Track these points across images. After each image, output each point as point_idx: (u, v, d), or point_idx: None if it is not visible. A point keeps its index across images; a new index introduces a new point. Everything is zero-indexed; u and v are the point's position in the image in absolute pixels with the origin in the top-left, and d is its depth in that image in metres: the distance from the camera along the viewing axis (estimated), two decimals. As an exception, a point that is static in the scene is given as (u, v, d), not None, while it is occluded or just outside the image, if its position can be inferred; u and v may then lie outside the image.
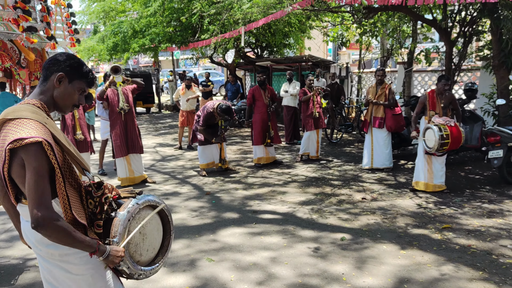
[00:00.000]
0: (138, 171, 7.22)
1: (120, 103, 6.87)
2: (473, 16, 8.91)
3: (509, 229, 4.97)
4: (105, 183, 2.12)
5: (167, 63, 36.26)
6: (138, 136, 7.17)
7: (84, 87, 2.08)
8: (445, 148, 6.03)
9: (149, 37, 13.01)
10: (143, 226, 2.18)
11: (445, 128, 6.03)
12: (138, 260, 2.18)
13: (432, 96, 6.45)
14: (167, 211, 2.36)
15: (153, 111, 20.22)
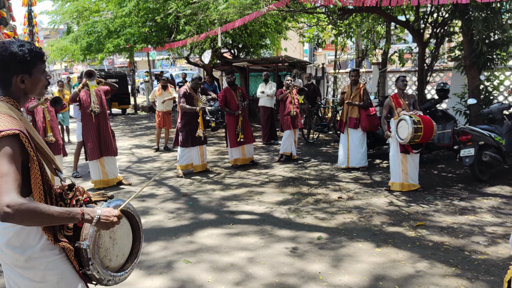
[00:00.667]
0: (113, 173, 7.13)
1: (92, 105, 6.77)
2: (444, 17, 9.11)
3: (481, 226, 5.10)
4: (76, 185, 2.09)
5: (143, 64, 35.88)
6: (112, 138, 7.07)
7: (43, 66, 2.03)
8: (419, 134, 6.14)
9: (124, 37, 12.82)
10: (113, 231, 2.15)
11: (416, 116, 6.20)
12: (108, 265, 2.13)
13: (396, 97, 6.69)
14: (137, 217, 2.32)
15: (129, 112, 19.97)
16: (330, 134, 12.25)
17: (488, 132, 6.91)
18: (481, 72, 8.10)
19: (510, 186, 6.73)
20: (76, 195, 2.05)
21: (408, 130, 6.13)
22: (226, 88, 8.40)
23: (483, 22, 7.35)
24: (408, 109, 6.56)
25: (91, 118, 6.80)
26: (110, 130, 7.06)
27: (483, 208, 5.73)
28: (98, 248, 2.05)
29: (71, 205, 2.03)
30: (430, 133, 6.26)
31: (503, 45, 7.79)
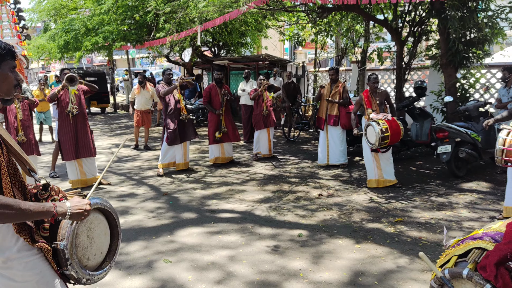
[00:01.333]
0: (91, 173, 7.03)
1: (69, 106, 6.66)
2: (421, 16, 9.25)
3: (458, 221, 5.20)
4: (51, 185, 2.05)
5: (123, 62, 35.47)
6: (91, 138, 6.98)
7: (12, 63, 1.96)
8: (386, 141, 6.25)
9: (103, 35, 12.67)
10: (91, 229, 2.13)
11: (384, 123, 6.29)
12: (86, 264, 2.12)
13: (367, 96, 6.77)
14: (114, 215, 2.31)
15: (108, 111, 19.72)
16: (311, 132, 12.32)
17: (464, 129, 7.04)
18: (458, 70, 8.26)
19: (486, 182, 6.88)
20: (51, 195, 2.02)
21: (375, 137, 6.22)
22: (212, 85, 8.37)
23: (459, 21, 7.49)
24: (379, 109, 6.65)
25: (68, 118, 6.69)
26: (88, 130, 6.96)
27: (460, 204, 5.84)
28: (76, 247, 2.03)
29: None
30: (397, 138, 6.40)
31: (479, 44, 7.95)
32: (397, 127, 6.36)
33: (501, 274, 1.80)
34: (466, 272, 1.94)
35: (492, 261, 1.84)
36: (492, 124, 5.23)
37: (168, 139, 7.67)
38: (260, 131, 8.86)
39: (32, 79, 41.66)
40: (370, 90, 6.81)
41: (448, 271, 2.03)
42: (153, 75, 22.30)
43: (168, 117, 7.69)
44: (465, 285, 1.98)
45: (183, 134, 7.74)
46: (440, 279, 2.11)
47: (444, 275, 2.10)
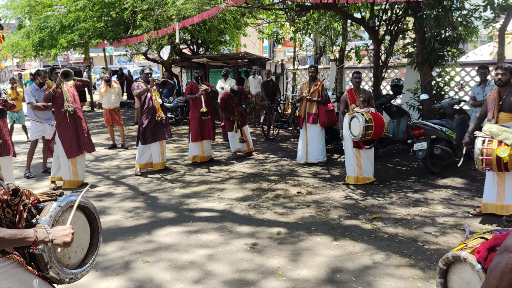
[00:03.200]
0: (82, 175, 6.92)
1: (65, 104, 6.55)
2: (398, 15, 9.37)
3: (433, 217, 5.30)
4: (21, 189, 2.00)
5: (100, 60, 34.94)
6: (88, 134, 6.92)
7: None
8: (370, 132, 6.32)
9: (78, 32, 12.45)
10: None
11: (368, 114, 6.40)
12: (67, 263, 2.10)
13: (351, 92, 6.90)
14: (92, 208, 2.29)
15: (85, 109, 19.39)
16: (290, 130, 12.36)
17: (439, 126, 7.17)
18: (433, 69, 8.40)
19: (461, 178, 7.02)
20: (22, 200, 1.97)
21: (359, 128, 6.30)
22: (193, 83, 8.32)
23: (435, 20, 7.61)
24: (362, 105, 6.74)
25: (66, 117, 6.58)
26: (85, 127, 6.86)
27: (435, 200, 5.95)
28: (54, 249, 2.00)
29: (18, 211, 1.95)
30: (380, 130, 6.49)
31: (454, 42, 8.10)
32: (381, 119, 6.47)
33: (491, 257, 1.98)
34: (464, 254, 2.18)
35: (485, 245, 2.06)
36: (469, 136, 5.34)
37: (141, 137, 7.59)
38: (232, 133, 8.87)
39: (7, 77, 40.70)
40: (354, 87, 6.90)
41: (451, 253, 2.27)
42: (130, 73, 22.05)
43: (143, 115, 7.60)
44: (464, 267, 2.20)
45: (156, 133, 7.64)
46: (446, 260, 2.30)
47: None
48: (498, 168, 4.82)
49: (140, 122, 7.62)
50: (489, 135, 4.85)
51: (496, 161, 4.75)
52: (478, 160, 4.82)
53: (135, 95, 7.50)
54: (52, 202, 2.07)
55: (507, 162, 4.69)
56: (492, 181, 5.17)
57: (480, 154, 4.80)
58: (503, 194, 5.05)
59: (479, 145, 4.84)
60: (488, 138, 4.85)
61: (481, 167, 4.84)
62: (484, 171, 4.99)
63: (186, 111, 13.52)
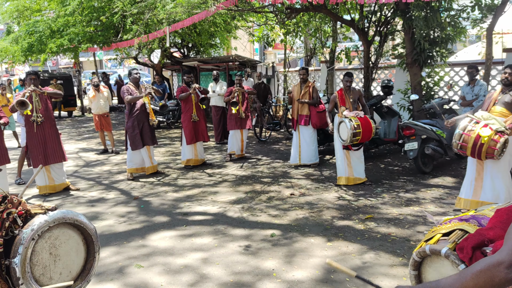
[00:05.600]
0: (59, 179, 6.88)
1: (33, 114, 6.49)
2: (387, 16, 9.45)
3: (425, 216, 5.34)
4: (9, 196, 1.96)
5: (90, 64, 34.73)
6: (59, 143, 6.83)
7: None
8: (358, 138, 6.38)
9: (68, 37, 12.37)
10: (55, 246, 1.99)
11: (356, 120, 6.43)
12: (47, 284, 1.99)
13: (341, 94, 6.94)
14: (89, 230, 2.16)
15: (76, 114, 19.29)
16: (282, 132, 12.39)
17: (430, 126, 7.24)
18: (422, 69, 8.48)
19: (452, 177, 7.09)
20: (7, 208, 1.92)
21: (347, 133, 6.34)
22: (184, 87, 8.32)
23: (423, 21, 7.68)
24: (352, 107, 6.79)
25: (33, 126, 6.52)
26: (57, 135, 6.80)
27: (427, 199, 6.01)
28: (33, 265, 1.91)
29: (1, 219, 1.91)
30: (368, 135, 6.55)
31: (442, 43, 8.18)
32: (369, 125, 6.50)
33: (476, 257, 1.88)
34: (445, 250, 2.04)
35: (470, 244, 1.93)
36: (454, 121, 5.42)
37: (130, 143, 7.57)
38: (234, 131, 8.86)
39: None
40: (344, 88, 6.95)
41: (429, 247, 2.13)
42: (121, 77, 21.97)
43: (131, 119, 7.55)
44: (443, 262, 2.08)
45: (145, 137, 7.62)
46: (422, 253, 2.17)
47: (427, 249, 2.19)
48: (472, 150, 4.88)
49: (128, 127, 7.58)
50: (479, 118, 4.94)
51: (473, 142, 4.81)
52: (458, 135, 4.92)
53: (127, 101, 7.45)
54: (41, 215, 2.01)
55: (483, 144, 4.75)
56: (471, 176, 5.25)
57: (463, 129, 4.90)
58: (480, 190, 5.12)
59: (466, 122, 4.93)
60: (476, 120, 4.92)
61: (457, 142, 4.94)
62: (458, 150, 5.05)
63: (178, 114, 13.50)
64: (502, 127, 4.79)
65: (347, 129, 6.36)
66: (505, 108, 5.02)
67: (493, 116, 4.93)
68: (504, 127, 4.80)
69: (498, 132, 4.76)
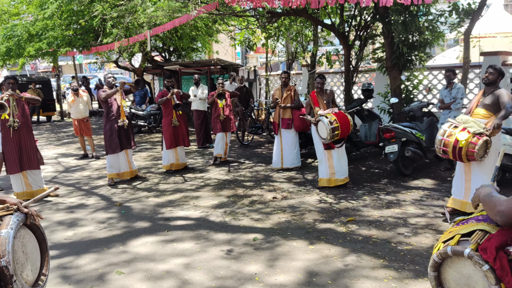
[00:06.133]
0: (37, 185, 6.76)
1: (10, 119, 6.37)
2: (367, 21, 9.57)
3: (405, 218, 5.40)
4: None
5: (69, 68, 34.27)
6: (36, 149, 6.71)
7: None
8: (337, 132, 6.41)
9: (47, 41, 12.21)
10: (24, 245, 2.06)
11: (331, 115, 6.48)
12: (26, 281, 2.05)
13: (314, 95, 7.03)
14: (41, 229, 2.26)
15: (55, 119, 19.01)
16: (264, 136, 12.41)
17: (409, 129, 7.34)
18: (402, 73, 8.60)
19: (431, 179, 7.20)
20: None
21: (326, 130, 6.38)
22: (164, 91, 8.27)
23: (402, 25, 7.80)
24: (326, 106, 6.86)
25: (10, 132, 6.40)
26: (33, 141, 6.68)
27: (407, 201, 6.08)
28: (16, 264, 1.94)
29: None
30: (347, 128, 6.57)
31: (421, 47, 8.31)
32: (345, 117, 6.53)
33: (500, 257, 1.90)
34: (468, 251, 2.02)
35: (493, 244, 1.93)
36: None
37: (108, 147, 7.48)
38: (222, 134, 8.85)
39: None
40: (316, 89, 7.02)
41: (451, 249, 2.10)
42: (101, 81, 21.73)
43: (108, 123, 7.46)
44: (464, 262, 2.08)
45: (122, 141, 7.53)
46: (443, 254, 2.15)
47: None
48: (453, 154, 5.01)
49: (105, 130, 7.49)
50: (459, 122, 5.07)
51: (453, 146, 4.94)
52: (438, 140, 5.10)
53: (102, 98, 7.38)
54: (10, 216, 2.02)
55: (462, 147, 4.87)
56: (460, 177, 5.34)
57: (443, 134, 5.07)
58: (469, 192, 5.21)
59: (446, 127, 5.10)
60: (455, 124, 5.06)
61: (439, 147, 5.13)
62: (441, 155, 5.23)
63: (159, 118, 13.40)
64: (480, 129, 4.89)
65: (325, 126, 6.40)
66: (486, 110, 5.13)
67: (471, 119, 5.03)
68: (482, 129, 4.90)
69: (476, 134, 4.86)
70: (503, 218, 1.83)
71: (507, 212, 1.81)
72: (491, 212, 1.90)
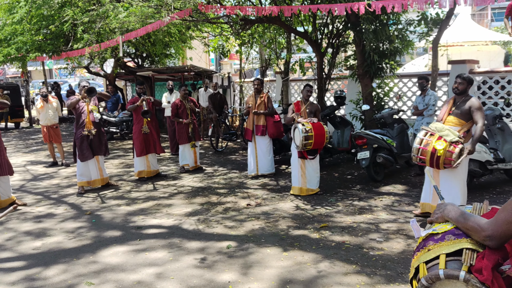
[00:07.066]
0: (6, 194, 6.55)
1: None
2: (339, 29, 9.70)
3: (377, 223, 5.47)
4: None
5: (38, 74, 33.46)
6: (5, 156, 6.52)
7: None
8: (310, 141, 6.45)
9: (15, 46, 11.90)
10: None
11: (308, 124, 6.54)
12: None
13: (297, 104, 7.09)
14: None
15: (23, 126, 18.50)
16: (239, 142, 12.39)
17: (380, 136, 7.46)
18: (373, 80, 8.75)
19: (402, 185, 7.33)
20: None
21: (299, 137, 6.43)
22: (135, 98, 8.16)
23: (373, 34, 7.95)
24: (307, 116, 6.90)
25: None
26: (2, 147, 6.49)
27: (379, 207, 6.16)
28: None
29: None
30: (321, 140, 6.59)
31: (391, 55, 8.49)
32: (321, 129, 6.56)
33: (496, 277, 1.81)
34: (463, 275, 1.90)
35: (489, 265, 1.83)
36: None
37: (79, 154, 7.34)
38: (184, 145, 8.77)
39: None
40: (303, 98, 7.06)
41: (444, 272, 1.95)
42: (71, 87, 21.31)
43: (79, 129, 7.31)
44: (456, 284, 1.96)
45: (93, 148, 7.40)
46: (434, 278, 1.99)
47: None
48: (430, 162, 5.12)
49: (76, 137, 7.35)
50: (434, 130, 5.18)
51: (431, 155, 5.05)
52: (415, 149, 5.20)
53: (67, 106, 7.29)
54: None
55: (440, 156, 5.00)
56: (430, 183, 5.46)
57: (419, 143, 5.18)
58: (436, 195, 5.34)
59: (421, 135, 5.21)
60: (430, 132, 5.17)
61: (415, 156, 5.23)
62: (418, 163, 5.35)
63: (132, 125, 13.21)
64: (455, 137, 5.03)
65: (299, 133, 6.44)
66: (458, 118, 5.29)
67: (446, 127, 5.15)
68: (458, 136, 5.04)
69: (452, 143, 4.99)
70: (494, 241, 1.80)
71: (496, 235, 1.79)
72: (476, 236, 1.85)
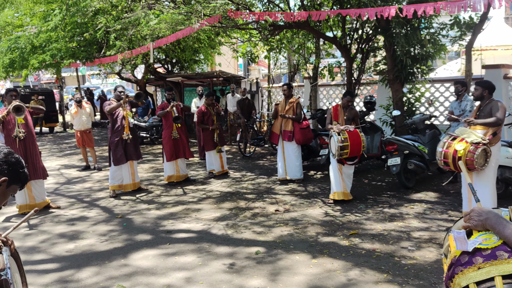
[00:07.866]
0: (40, 197, 6.74)
1: (15, 130, 6.41)
2: (369, 33, 9.60)
3: (408, 232, 5.36)
4: None
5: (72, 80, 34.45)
6: (40, 160, 6.73)
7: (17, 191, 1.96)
8: (346, 151, 6.38)
9: (50, 52, 12.29)
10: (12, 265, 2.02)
11: (344, 133, 6.45)
12: None
13: (336, 109, 6.95)
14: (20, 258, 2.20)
15: (57, 130, 19.05)
16: (266, 148, 12.40)
17: (412, 142, 7.31)
18: (404, 85, 8.60)
19: (434, 192, 7.16)
20: None
21: (334, 147, 6.38)
22: (165, 104, 8.30)
23: (404, 38, 7.83)
24: (345, 123, 6.79)
25: (16, 142, 6.42)
26: (37, 152, 6.71)
27: (410, 214, 6.04)
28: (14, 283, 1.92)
29: None
30: (357, 148, 6.50)
31: (423, 59, 8.33)
32: (357, 138, 6.48)
33: None
34: None
35: None
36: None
37: (114, 159, 7.48)
38: (210, 152, 8.84)
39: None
40: (342, 104, 6.94)
41: None
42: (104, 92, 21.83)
43: (113, 135, 7.49)
44: None
45: (127, 153, 7.54)
46: None
47: None
48: (453, 165, 5.16)
49: (111, 142, 7.52)
50: (457, 134, 5.27)
51: (452, 158, 5.11)
52: (439, 153, 5.32)
53: (106, 111, 7.43)
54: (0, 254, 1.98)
55: (460, 157, 5.00)
56: (467, 192, 5.37)
57: (442, 146, 5.30)
58: (470, 202, 5.27)
59: (445, 139, 5.33)
60: (454, 136, 5.26)
61: (440, 160, 5.34)
62: (443, 166, 5.44)
63: (161, 130, 13.41)
64: (478, 139, 5.00)
65: (334, 143, 6.40)
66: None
67: (469, 130, 5.18)
68: (481, 139, 5.00)
69: (473, 144, 4.95)
70: None
71: None
72: None
